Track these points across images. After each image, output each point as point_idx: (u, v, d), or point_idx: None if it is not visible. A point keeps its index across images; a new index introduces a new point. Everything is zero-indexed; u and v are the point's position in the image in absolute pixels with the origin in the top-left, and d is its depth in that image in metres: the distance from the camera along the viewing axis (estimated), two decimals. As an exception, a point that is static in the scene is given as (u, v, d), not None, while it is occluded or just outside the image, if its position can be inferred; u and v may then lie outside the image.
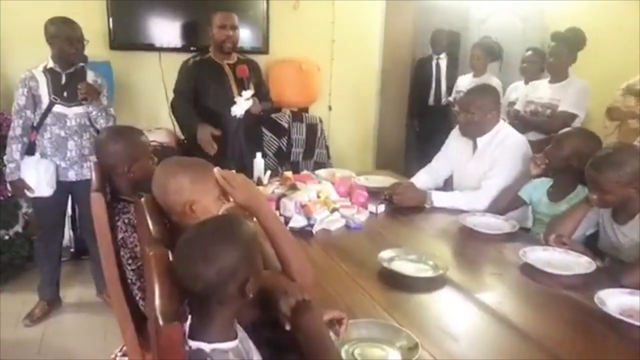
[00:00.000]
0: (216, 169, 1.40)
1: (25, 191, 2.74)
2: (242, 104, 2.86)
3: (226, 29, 2.98)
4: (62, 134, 2.75)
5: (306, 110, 4.32)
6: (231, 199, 1.42)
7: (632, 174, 1.76)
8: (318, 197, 2.30)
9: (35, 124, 2.74)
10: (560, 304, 1.56)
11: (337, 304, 1.48)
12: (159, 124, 3.90)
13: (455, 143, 2.74)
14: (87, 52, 3.38)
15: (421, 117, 5.09)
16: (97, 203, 1.66)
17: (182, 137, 3.58)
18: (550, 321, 1.47)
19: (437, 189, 2.74)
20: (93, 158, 2.66)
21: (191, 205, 1.36)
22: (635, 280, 1.63)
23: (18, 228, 3.38)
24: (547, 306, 1.55)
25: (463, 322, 1.45)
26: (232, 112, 2.87)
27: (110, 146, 1.85)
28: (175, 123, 3.78)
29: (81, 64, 2.76)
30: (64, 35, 2.66)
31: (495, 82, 4.10)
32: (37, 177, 2.71)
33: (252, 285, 1.03)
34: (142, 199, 1.45)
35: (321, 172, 2.93)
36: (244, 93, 2.89)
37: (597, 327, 1.43)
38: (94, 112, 2.75)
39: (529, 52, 3.93)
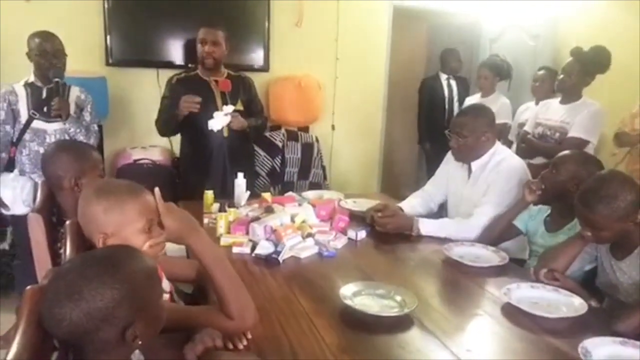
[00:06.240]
0: (157, 190, 1.25)
1: (0, 209, 2.65)
2: (220, 119, 2.73)
3: (206, 45, 2.88)
4: (41, 150, 2.66)
5: (306, 129, 4.18)
6: (161, 233, 1.26)
7: (626, 206, 1.54)
8: (292, 221, 2.15)
9: (14, 140, 2.67)
10: (540, 354, 1.35)
11: (281, 346, 1.32)
12: (154, 141, 3.82)
13: (450, 167, 2.55)
14: (82, 68, 3.38)
15: (434, 140, 4.87)
16: (35, 225, 1.55)
17: (177, 154, 3.48)
18: (524, 375, 1.27)
19: (431, 214, 2.57)
20: (35, 177, 2.59)
21: (105, 239, 1.20)
22: (631, 328, 1.42)
23: (5, 246, 3.30)
24: (523, 356, 1.34)
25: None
26: (209, 126, 2.74)
27: (56, 158, 1.74)
28: (171, 140, 3.74)
29: (56, 79, 2.64)
30: (38, 49, 2.59)
31: (504, 102, 3.93)
32: (13, 195, 2.62)
33: (140, 331, 0.87)
34: (67, 222, 1.32)
35: (308, 193, 2.79)
36: (223, 108, 2.77)
37: (578, 385, 1.23)
38: (72, 129, 2.66)
39: (541, 71, 3.74)
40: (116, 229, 1.20)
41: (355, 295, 1.57)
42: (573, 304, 1.57)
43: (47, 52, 2.59)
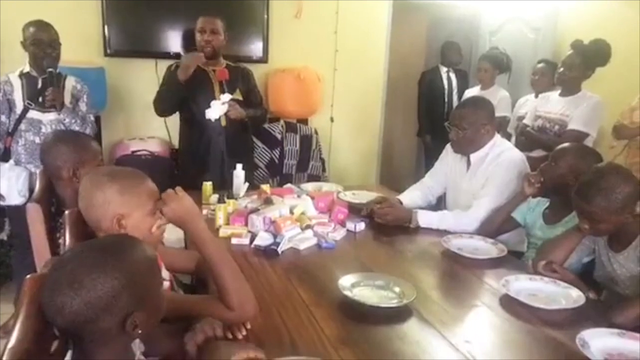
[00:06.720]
0: None
1: (-4, 199, 2.65)
2: (217, 108, 2.72)
3: (205, 34, 2.87)
4: (37, 140, 2.66)
5: (305, 121, 4.17)
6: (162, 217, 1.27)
7: (624, 199, 1.54)
8: (291, 213, 2.15)
9: (10, 130, 2.66)
10: (538, 345, 1.35)
11: (280, 337, 1.32)
12: (152, 132, 3.81)
13: (449, 159, 2.55)
14: (80, 58, 3.35)
15: (433, 132, 4.86)
16: (35, 215, 1.55)
17: (176, 146, 3.47)
18: (522, 366, 1.27)
19: (430, 206, 2.57)
20: (31, 167, 2.60)
21: (120, 220, 1.22)
22: (629, 320, 1.42)
23: (3, 236, 3.29)
24: (521, 347, 1.35)
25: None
26: (206, 116, 2.74)
27: (55, 148, 1.74)
28: (169, 131, 3.73)
29: (49, 69, 2.62)
30: (33, 39, 2.58)
31: (503, 95, 3.92)
32: (9, 185, 2.61)
33: (140, 320, 0.87)
34: (66, 212, 1.32)
35: (307, 185, 2.78)
36: (221, 97, 2.76)
37: (576, 375, 1.24)
38: (67, 120, 2.65)
39: (541, 64, 3.73)
40: (130, 209, 1.23)
41: (354, 286, 1.57)
42: (571, 296, 1.58)
43: (42, 42, 2.58)
